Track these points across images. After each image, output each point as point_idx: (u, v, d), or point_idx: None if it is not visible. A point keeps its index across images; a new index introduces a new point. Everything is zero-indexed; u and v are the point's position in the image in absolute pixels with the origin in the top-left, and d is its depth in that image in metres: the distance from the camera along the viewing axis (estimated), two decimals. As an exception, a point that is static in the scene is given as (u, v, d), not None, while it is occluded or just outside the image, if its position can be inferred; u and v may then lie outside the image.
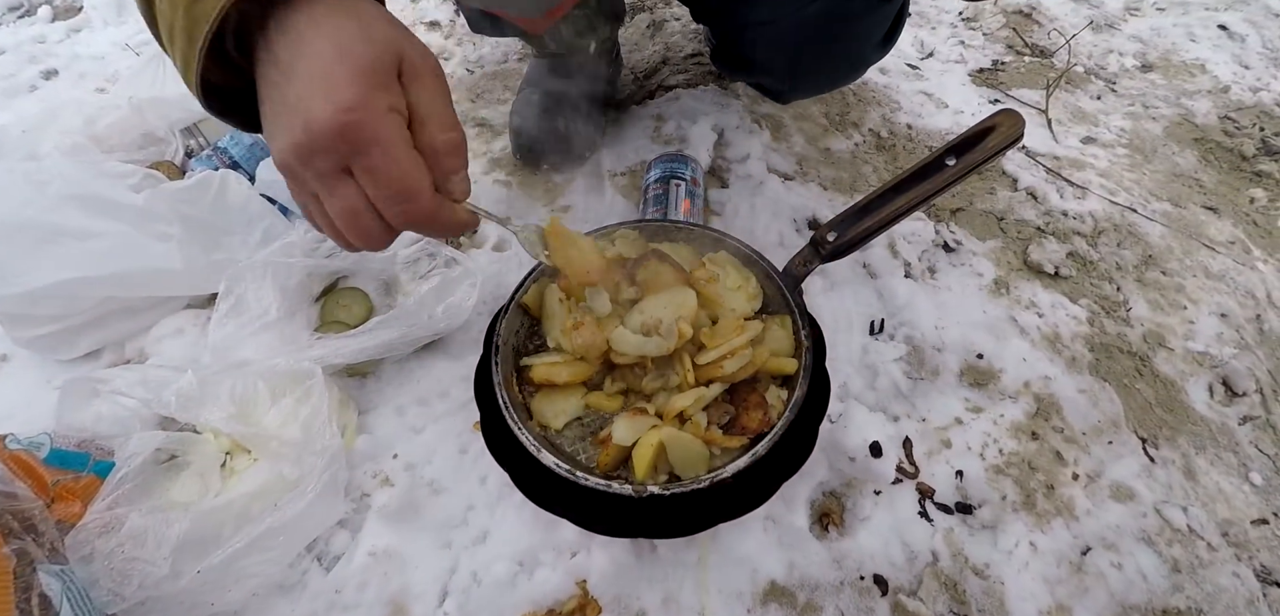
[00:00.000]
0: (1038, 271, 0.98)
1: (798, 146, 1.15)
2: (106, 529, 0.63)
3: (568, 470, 0.61)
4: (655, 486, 0.60)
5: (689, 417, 0.65)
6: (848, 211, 0.72)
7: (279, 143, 0.41)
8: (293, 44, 0.39)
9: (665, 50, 1.35)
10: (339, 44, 0.39)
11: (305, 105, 0.39)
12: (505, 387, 0.65)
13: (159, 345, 0.87)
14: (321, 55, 0.39)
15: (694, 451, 0.63)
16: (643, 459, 0.62)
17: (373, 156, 0.40)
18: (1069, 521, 0.75)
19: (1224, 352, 0.91)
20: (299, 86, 0.39)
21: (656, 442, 0.62)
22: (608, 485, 0.60)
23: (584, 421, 0.68)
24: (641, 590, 0.69)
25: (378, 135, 0.40)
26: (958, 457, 0.79)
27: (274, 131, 0.42)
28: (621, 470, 0.64)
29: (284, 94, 0.40)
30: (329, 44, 0.39)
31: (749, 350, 0.66)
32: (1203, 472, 0.80)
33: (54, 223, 0.81)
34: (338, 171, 0.41)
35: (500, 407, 0.64)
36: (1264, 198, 1.12)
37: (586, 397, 0.68)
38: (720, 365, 0.66)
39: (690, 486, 0.60)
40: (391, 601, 0.69)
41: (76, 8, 1.62)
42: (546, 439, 0.65)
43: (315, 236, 0.86)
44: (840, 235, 0.71)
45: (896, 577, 0.71)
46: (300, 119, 0.39)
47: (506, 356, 0.69)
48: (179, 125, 1.00)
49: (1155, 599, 0.71)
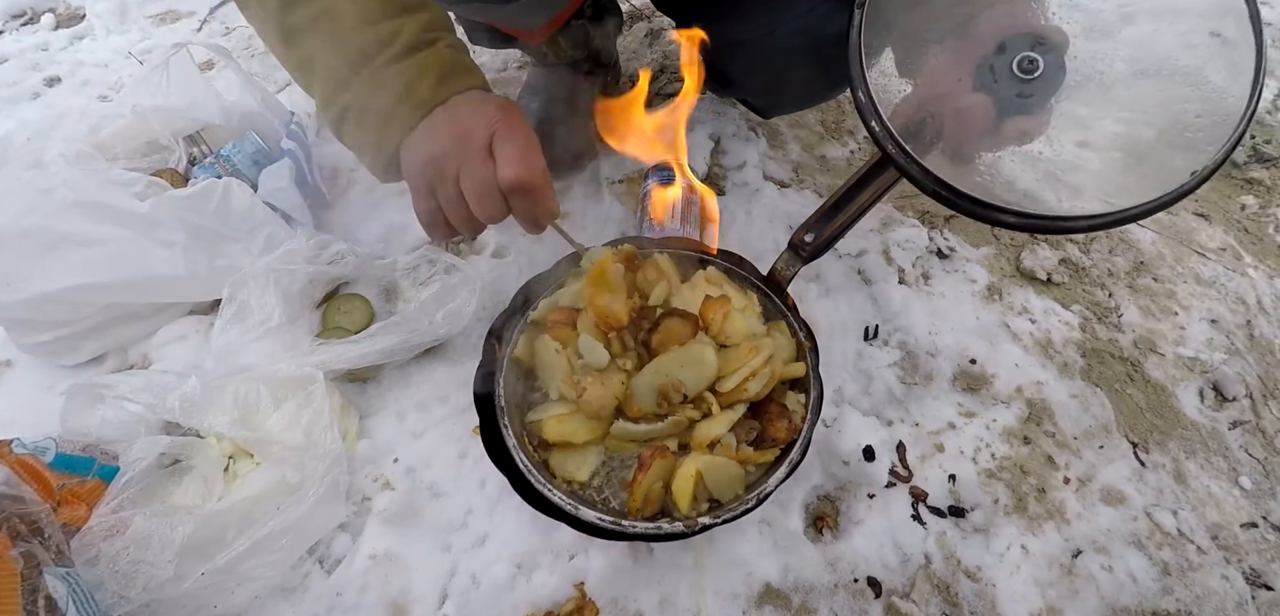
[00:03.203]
0: (1030, 277, 0.99)
1: (794, 154, 1.16)
2: (111, 532, 0.64)
3: (613, 522, 0.63)
4: (705, 518, 0.62)
5: (718, 442, 0.66)
6: (820, 210, 0.74)
7: (412, 160, 0.62)
8: (427, 124, 0.62)
9: (663, 59, 1.37)
10: (446, 123, 0.62)
11: (429, 146, 0.62)
12: (521, 449, 0.67)
13: (163, 351, 0.88)
14: (434, 131, 0.62)
15: (731, 474, 0.64)
16: (684, 493, 0.63)
17: (463, 169, 0.61)
18: (1060, 524, 0.76)
19: (1214, 358, 0.92)
20: (427, 133, 0.62)
21: (695, 473, 0.63)
22: (657, 527, 0.63)
23: (607, 464, 0.70)
24: (638, 592, 0.70)
25: (462, 163, 0.61)
26: (951, 462, 0.80)
27: (412, 154, 0.62)
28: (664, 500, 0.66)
29: (420, 138, 0.62)
30: (440, 124, 0.62)
31: (769, 369, 0.67)
32: (1193, 476, 0.82)
33: (59, 229, 0.82)
34: (444, 178, 0.62)
35: (522, 472, 0.66)
36: (1255, 204, 1.14)
37: (606, 443, 0.69)
38: (744, 388, 0.67)
39: (741, 509, 0.63)
40: (392, 603, 0.70)
41: (79, 15, 1.64)
42: (576, 494, 0.66)
43: (317, 243, 0.88)
44: (817, 235, 0.73)
45: (890, 580, 0.72)
46: (423, 152, 0.61)
47: (513, 414, 0.70)
48: (182, 133, 1.01)
49: (1145, 601, 0.72)
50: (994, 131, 0.60)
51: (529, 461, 0.67)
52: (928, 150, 0.62)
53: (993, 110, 0.60)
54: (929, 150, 0.62)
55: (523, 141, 0.61)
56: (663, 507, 0.66)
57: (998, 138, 0.60)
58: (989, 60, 0.60)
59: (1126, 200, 0.54)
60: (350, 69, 0.60)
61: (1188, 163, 0.53)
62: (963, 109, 0.61)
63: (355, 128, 0.62)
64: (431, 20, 0.62)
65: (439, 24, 0.63)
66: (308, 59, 0.61)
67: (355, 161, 1.11)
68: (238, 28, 1.56)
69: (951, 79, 0.62)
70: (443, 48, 0.62)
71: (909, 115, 0.64)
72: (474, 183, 0.60)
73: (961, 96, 0.61)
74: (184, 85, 1.01)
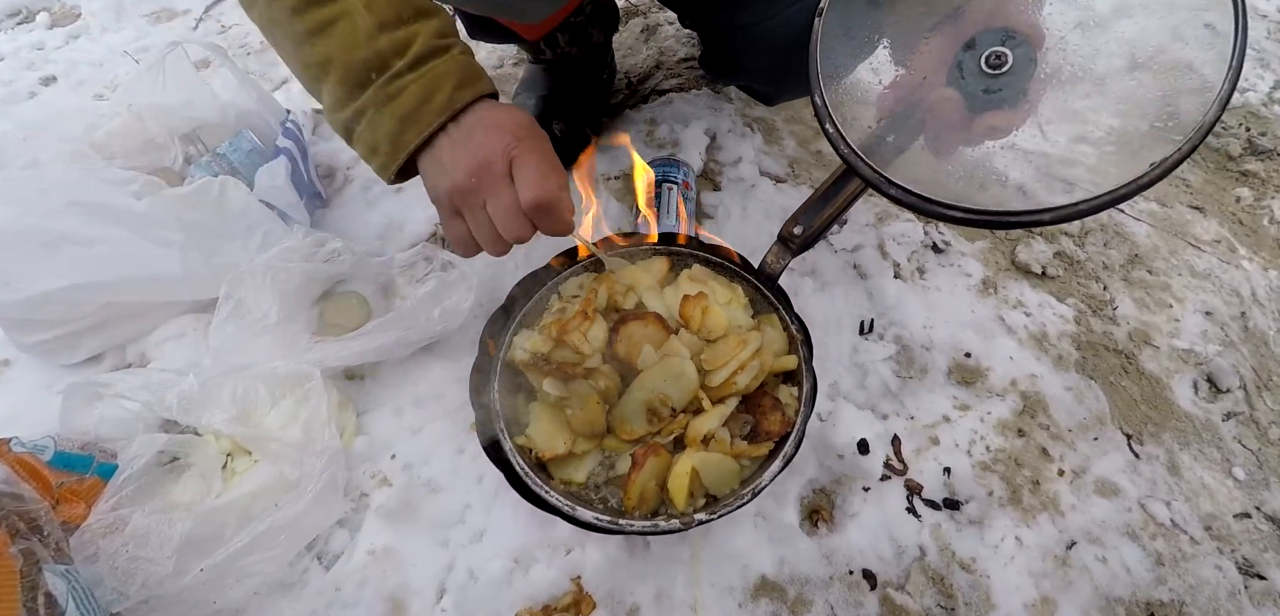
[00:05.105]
0: (1025, 271, 1.00)
1: (790, 149, 1.16)
2: (110, 529, 0.64)
3: (610, 521, 0.63)
4: (702, 514, 0.62)
5: (712, 437, 0.66)
6: (808, 202, 0.74)
7: (436, 189, 0.64)
8: (447, 142, 0.63)
9: (659, 55, 1.37)
10: (465, 146, 0.62)
11: (452, 175, 0.62)
12: (520, 455, 0.68)
13: (160, 349, 0.88)
14: (454, 157, 0.62)
15: (726, 469, 0.65)
16: (679, 490, 0.64)
17: (488, 197, 0.63)
18: (1054, 516, 0.77)
19: (1209, 350, 0.92)
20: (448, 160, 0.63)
21: (690, 469, 0.64)
22: (654, 525, 0.63)
23: (604, 464, 0.70)
24: (635, 585, 0.71)
25: (486, 191, 0.62)
26: (945, 454, 0.80)
27: (436, 181, 0.63)
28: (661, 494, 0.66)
29: (441, 164, 0.63)
30: (459, 146, 0.62)
31: (757, 361, 0.68)
32: (1187, 468, 0.82)
33: (56, 229, 0.82)
34: (471, 206, 0.63)
35: (520, 475, 0.67)
36: (1250, 197, 1.14)
37: (601, 445, 0.70)
38: (732, 382, 0.67)
39: (736, 504, 0.63)
40: (390, 598, 0.70)
41: (75, 14, 1.64)
42: (574, 495, 0.67)
43: (314, 241, 0.88)
44: (806, 227, 0.73)
45: (885, 572, 0.73)
46: (447, 182, 0.62)
47: (511, 419, 0.71)
48: (178, 132, 1.01)
49: (1139, 591, 0.72)
50: (964, 127, 0.62)
51: (527, 467, 0.67)
52: (897, 151, 0.64)
53: (961, 106, 0.61)
54: (899, 150, 0.64)
55: (539, 159, 0.62)
56: (659, 504, 0.66)
57: (969, 133, 0.62)
58: (959, 57, 0.62)
59: (1084, 193, 0.55)
60: (366, 74, 0.61)
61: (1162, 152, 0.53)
62: (932, 105, 0.63)
63: (369, 133, 0.63)
64: (443, 26, 0.64)
65: (450, 29, 0.65)
66: (321, 63, 0.62)
67: (352, 160, 1.12)
68: (233, 25, 1.56)
69: (918, 77, 0.64)
70: (457, 54, 0.63)
71: (886, 111, 0.66)
72: (499, 209, 0.62)
73: (930, 93, 0.63)
74: (180, 84, 1.01)
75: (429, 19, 0.63)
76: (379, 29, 0.60)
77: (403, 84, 0.61)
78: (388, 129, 0.62)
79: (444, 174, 0.62)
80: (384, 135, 0.62)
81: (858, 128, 0.66)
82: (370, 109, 0.62)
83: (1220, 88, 0.50)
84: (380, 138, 0.63)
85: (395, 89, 0.61)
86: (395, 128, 0.62)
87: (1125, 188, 0.53)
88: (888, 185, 0.62)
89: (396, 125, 0.61)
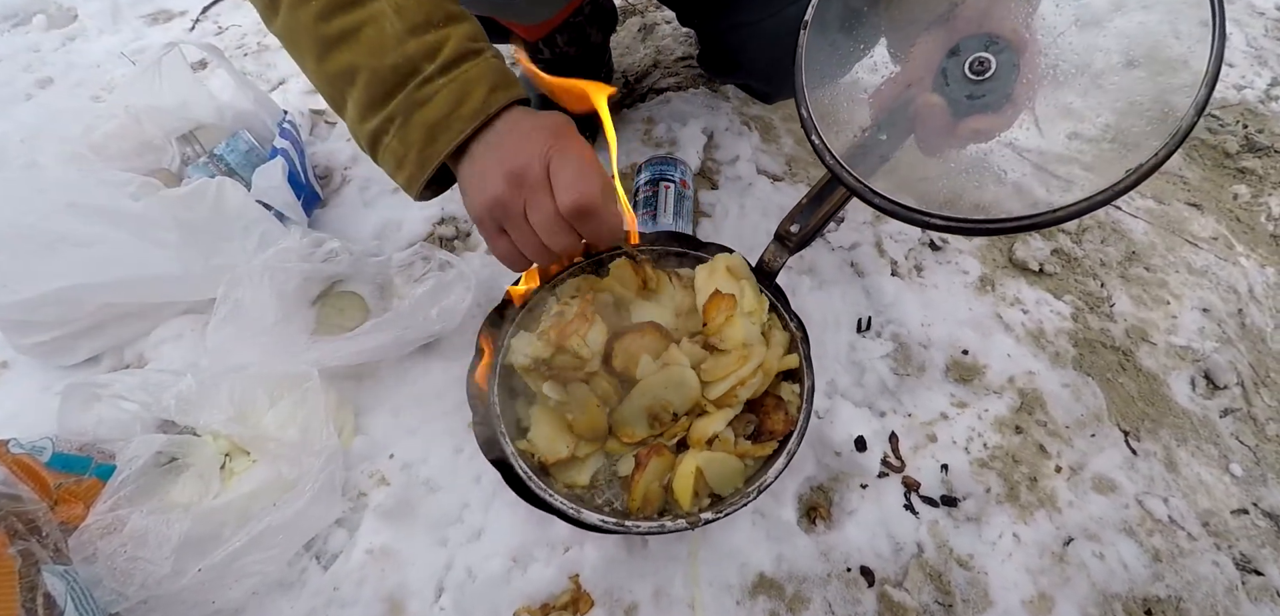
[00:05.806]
0: (1023, 268, 1.00)
1: (787, 148, 1.16)
2: (109, 530, 0.64)
3: (616, 522, 0.63)
4: (708, 514, 0.62)
5: (716, 437, 0.66)
6: (805, 200, 0.74)
7: (475, 206, 0.61)
8: (483, 151, 0.61)
9: (656, 53, 1.37)
10: (500, 153, 0.60)
11: (490, 189, 0.60)
12: (521, 458, 0.67)
13: (158, 350, 0.88)
14: (490, 168, 0.59)
15: (731, 468, 0.65)
16: (684, 490, 0.63)
17: (528, 206, 0.60)
18: (1052, 513, 0.77)
19: (1206, 346, 0.92)
20: (485, 169, 0.60)
21: (694, 469, 0.63)
22: (661, 525, 0.63)
23: (607, 466, 0.69)
24: (633, 583, 0.71)
25: (526, 200, 0.60)
26: (943, 451, 0.80)
27: (475, 196, 0.60)
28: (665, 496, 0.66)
29: (478, 175, 0.60)
30: (494, 156, 0.60)
31: (758, 377, 0.67)
32: (1184, 464, 0.82)
33: (54, 230, 0.82)
34: (512, 219, 0.61)
35: (523, 479, 0.66)
36: (1247, 194, 1.14)
37: (603, 448, 0.69)
38: (735, 393, 0.67)
39: (742, 503, 0.63)
40: (388, 597, 0.70)
41: (71, 16, 1.63)
42: (577, 497, 0.66)
43: (312, 241, 0.88)
44: (803, 225, 0.73)
45: (883, 569, 0.73)
46: (486, 196, 0.60)
47: (511, 423, 0.70)
48: (175, 133, 1.01)
49: (1136, 587, 0.73)
50: (950, 131, 0.62)
51: (529, 470, 0.67)
52: (882, 160, 0.65)
53: (946, 111, 0.62)
54: (884, 159, 0.65)
55: (577, 161, 0.59)
56: (663, 504, 0.66)
57: (955, 137, 0.62)
58: (944, 64, 0.63)
59: (1071, 196, 0.56)
60: (395, 80, 0.58)
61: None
62: (919, 111, 0.63)
63: (397, 143, 0.60)
64: (474, 30, 0.61)
65: (481, 34, 0.62)
66: (346, 71, 0.59)
67: (350, 160, 1.12)
68: (230, 27, 1.56)
69: (904, 84, 0.65)
70: (489, 57, 0.61)
71: (873, 119, 0.66)
72: (541, 218, 0.59)
73: (917, 99, 0.63)
74: (177, 85, 1.01)
75: (460, 23, 0.60)
76: (409, 33, 0.57)
77: (434, 89, 0.58)
78: (417, 137, 0.58)
79: (483, 187, 0.59)
80: (413, 144, 0.59)
81: (846, 135, 0.66)
82: (398, 117, 0.58)
83: (1197, 90, 0.51)
84: (409, 147, 0.59)
85: (425, 94, 0.58)
86: (425, 136, 0.58)
87: (1103, 193, 0.54)
88: (872, 195, 0.63)
89: (426, 134, 0.58)
